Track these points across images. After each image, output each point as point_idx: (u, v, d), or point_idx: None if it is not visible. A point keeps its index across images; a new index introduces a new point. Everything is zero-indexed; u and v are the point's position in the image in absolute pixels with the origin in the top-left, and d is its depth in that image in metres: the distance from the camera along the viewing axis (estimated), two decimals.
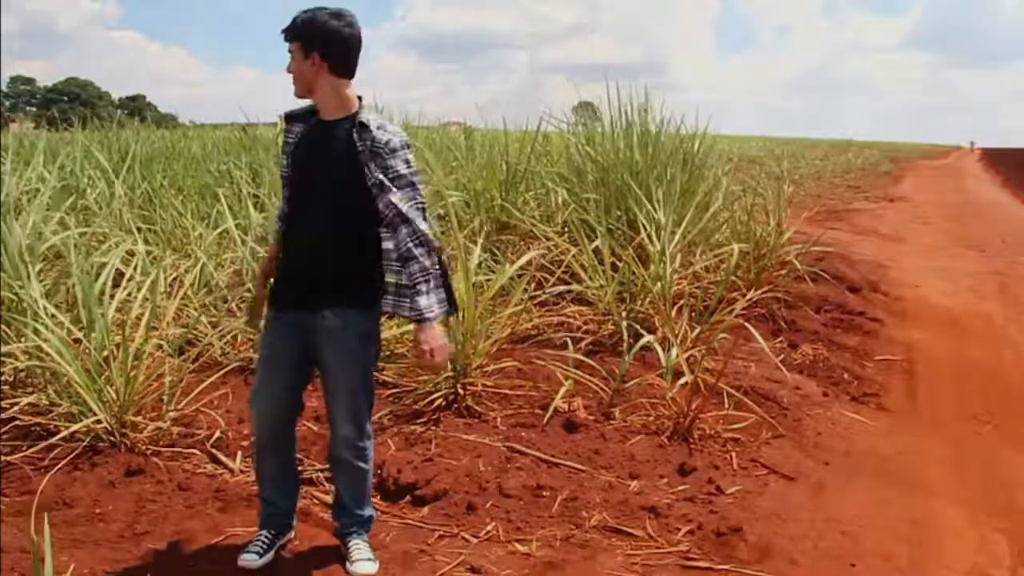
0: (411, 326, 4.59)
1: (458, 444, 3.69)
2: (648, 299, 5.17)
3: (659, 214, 5.92)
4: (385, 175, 2.46)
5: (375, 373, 4.39)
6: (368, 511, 2.83)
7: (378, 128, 2.49)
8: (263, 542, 2.73)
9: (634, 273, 5.29)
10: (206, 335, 4.55)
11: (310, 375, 2.72)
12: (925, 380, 5.02)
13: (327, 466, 3.20)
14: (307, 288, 2.54)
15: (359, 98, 2.59)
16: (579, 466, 3.52)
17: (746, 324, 4.83)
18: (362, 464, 2.73)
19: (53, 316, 3.89)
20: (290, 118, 2.67)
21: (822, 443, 4.01)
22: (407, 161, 2.50)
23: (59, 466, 3.35)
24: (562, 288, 5.50)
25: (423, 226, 2.50)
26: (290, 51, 2.51)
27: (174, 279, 5.19)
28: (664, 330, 4.92)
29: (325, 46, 2.48)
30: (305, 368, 2.67)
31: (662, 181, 6.45)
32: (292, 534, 2.86)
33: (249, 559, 2.68)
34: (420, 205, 2.52)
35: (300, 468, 3.13)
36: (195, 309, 4.90)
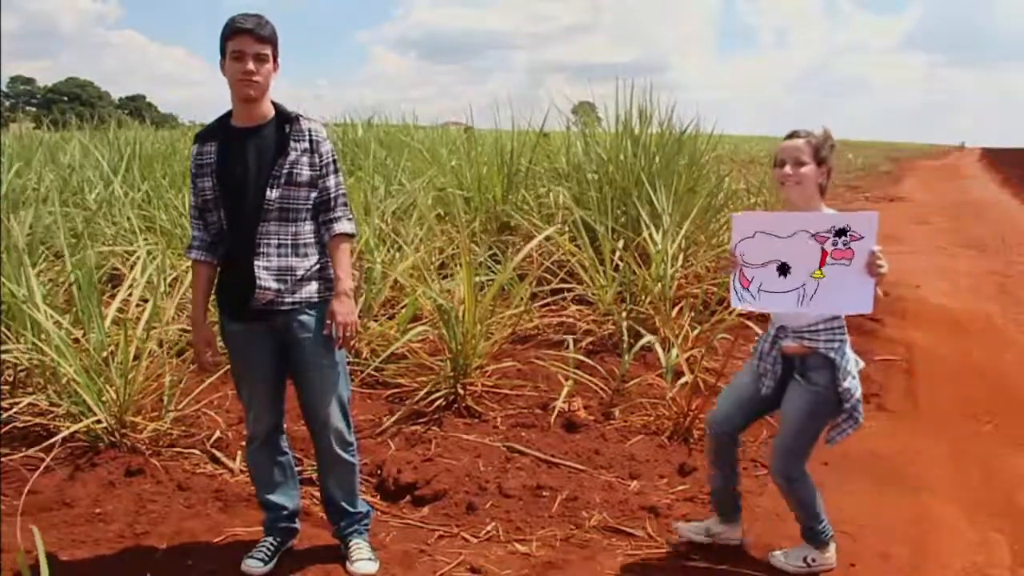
0: (414, 328, 4.56)
1: (458, 444, 3.69)
2: (649, 299, 5.17)
3: (661, 214, 5.91)
4: (321, 161, 2.55)
5: (375, 373, 4.40)
6: (362, 506, 2.82)
7: (305, 120, 2.56)
8: (267, 549, 2.72)
9: (635, 273, 5.29)
10: None
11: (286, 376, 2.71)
12: (925, 380, 5.01)
13: None
14: (276, 293, 2.49)
15: None
16: (579, 466, 3.53)
17: (747, 323, 4.83)
18: (353, 459, 2.75)
19: (52, 317, 3.88)
20: (205, 138, 2.53)
21: (821, 443, 4.00)
22: (331, 148, 2.60)
23: (59, 466, 3.35)
24: (563, 287, 5.50)
25: (347, 210, 2.61)
26: (260, 55, 2.42)
27: (174, 279, 5.18)
28: (664, 330, 4.91)
29: (277, 51, 2.50)
30: (284, 371, 2.66)
31: (664, 181, 6.44)
32: (295, 540, 2.84)
33: (253, 566, 2.67)
34: (344, 189, 2.63)
35: (299, 468, 3.13)
36: None
